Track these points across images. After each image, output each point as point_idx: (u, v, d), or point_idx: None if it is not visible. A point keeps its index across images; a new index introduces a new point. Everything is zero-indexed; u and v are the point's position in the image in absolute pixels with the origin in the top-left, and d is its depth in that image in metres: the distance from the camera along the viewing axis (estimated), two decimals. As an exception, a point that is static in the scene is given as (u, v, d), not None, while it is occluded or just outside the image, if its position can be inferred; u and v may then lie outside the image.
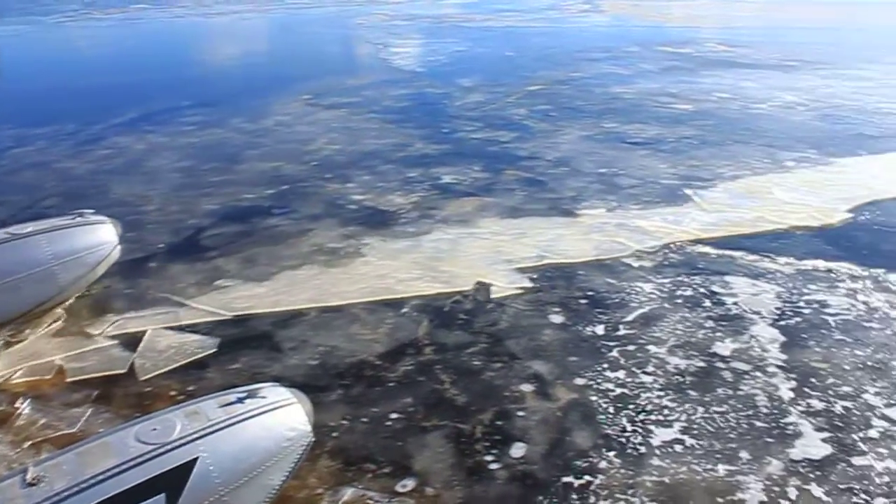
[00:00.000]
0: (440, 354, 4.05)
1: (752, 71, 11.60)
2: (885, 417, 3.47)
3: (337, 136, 8.14)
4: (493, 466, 3.21)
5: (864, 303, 4.52)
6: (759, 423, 3.43)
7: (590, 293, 4.63)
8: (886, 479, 3.09)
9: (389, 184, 6.60)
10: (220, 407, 2.84)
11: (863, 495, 3.01)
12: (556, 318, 4.35)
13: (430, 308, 4.50)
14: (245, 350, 4.12)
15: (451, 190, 6.44)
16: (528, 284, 4.72)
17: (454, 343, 4.15)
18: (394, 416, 3.54)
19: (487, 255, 5.12)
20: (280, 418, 2.90)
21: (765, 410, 3.52)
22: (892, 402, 3.59)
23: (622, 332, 4.20)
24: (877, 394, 3.65)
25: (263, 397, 2.93)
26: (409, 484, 3.12)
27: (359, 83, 10.82)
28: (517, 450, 3.30)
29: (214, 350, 4.12)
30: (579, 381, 3.76)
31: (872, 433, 3.37)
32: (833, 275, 4.88)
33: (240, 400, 2.89)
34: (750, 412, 3.52)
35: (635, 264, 5.00)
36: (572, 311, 4.42)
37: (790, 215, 5.75)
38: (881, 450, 3.26)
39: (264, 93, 10.42)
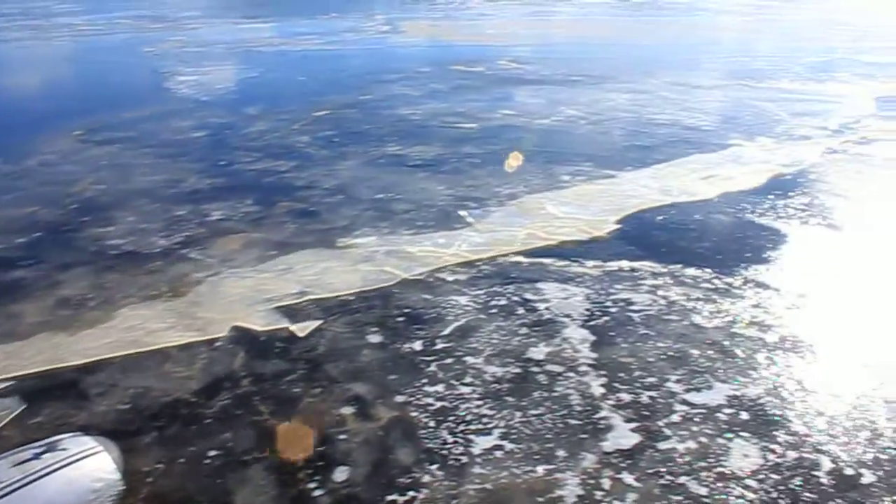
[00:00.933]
0: (258, 385, 3.94)
1: (538, 87, 11.98)
2: (685, 402, 3.69)
3: (105, 174, 7.59)
4: (317, 493, 3.14)
5: (665, 297, 4.81)
6: (573, 421, 3.56)
7: (406, 310, 4.65)
8: (688, 458, 3.28)
9: (154, 224, 6.18)
10: (14, 466, 2.63)
11: (668, 476, 3.17)
12: (374, 338, 4.34)
13: (247, 338, 4.37)
14: None
15: (220, 227, 6.12)
16: (286, 325, 4.51)
17: (272, 372, 4.05)
18: (212, 453, 3.40)
19: (249, 295, 4.88)
20: (84, 469, 2.72)
21: (578, 408, 3.66)
22: (690, 387, 3.82)
23: (440, 346, 4.25)
24: (678, 381, 3.88)
25: (64, 450, 2.75)
26: (229, 522, 3.01)
27: (137, 116, 10.25)
28: (340, 473, 3.25)
29: None
30: (399, 399, 3.76)
31: (675, 418, 3.57)
32: (636, 273, 5.16)
33: (36, 456, 2.70)
34: (565, 411, 3.64)
35: (450, 278, 5.08)
36: (390, 330, 4.43)
37: (560, 230, 5.92)
38: (683, 432, 3.45)
39: (30, 129, 9.65)
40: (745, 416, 3.58)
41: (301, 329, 4.46)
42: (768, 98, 11.27)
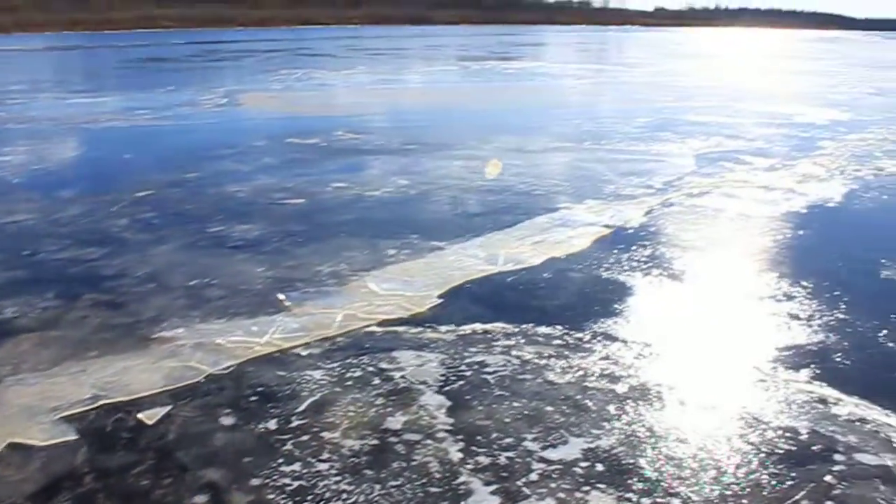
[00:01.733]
0: (103, 481, 3.69)
1: (373, 157, 11.90)
2: (542, 459, 3.74)
3: None
4: None
5: (518, 357, 4.89)
6: (433, 489, 3.52)
7: (259, 389, 4.51)
8: (547, 517, 3.30)
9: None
10: None
11: (529, 537, 3.18)
12: (227, 420, 4.18)
13: (88, 430, 4.10)
14: None
15: (10, 327, 5.45)
16: (74, 437, 4.02)
17: (118, 466, 3.81)
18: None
19: (33, 404, 4.34)
20: None
21: (437, 475, 3.63)
22: (547, 444, 3.88)
23: (295, 423, 4.13)
24: (534, 439, 3.92)
25: None
26: None
27: None
28: (186, 569, 3.08)
29: None
30: (255, 482, 3.61)
31: (533, 476, 3.60)
32: (489, 335, 5.24)
33: None
34: (424, 480, 3.59)
35: (304, 353, 4.99)
36: (243, 411, 4.28)
37: (381, 308, 5.74)
38: (541, 490, 3.48)
39: None
40: (600, 467, 3.66)
41: (149, 417, 4.24)
42: (598, 159, 11.81)
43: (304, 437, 3.99)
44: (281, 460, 3.79)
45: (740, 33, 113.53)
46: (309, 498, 3.49)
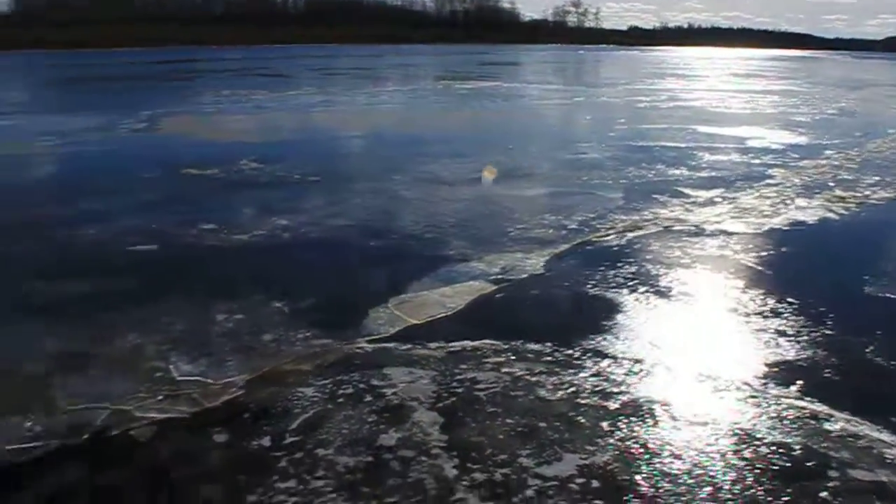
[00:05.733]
0: (97, 501, 3.65)
1: (264, 191, 10.90)
2: (537, 476, 3.74)
3: None
4: None
5: (509, 374, 4.90)
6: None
7: (252, 406, 4.49)
8: (545, 533, 3.30)
9: None
10: None
11: (527, 554, 3.17)
12: (220, 437, 4.14)
13: (76, 451, 4.05)
14: None
15: None
16: None
17: (108, 485, 3.77)
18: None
19: None
20: None
21: (433, 492, 3.62)
22: (541, 460, 3.88)
23: (288, 440, 4.11)
24: (528, 455, 3.93)
25: None
26: None
27: None
28: (188, 588, 3.03)
29: None
30: (250, 498, 3.59)
31: (529, 493, 3.60)
32: (480, 352, 5.24)
33: None
34: (420, 497, 3.58)
35: (292, 368, 4.97)
36: (236, 428, 4.25)
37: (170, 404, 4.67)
38: (537, 507, 3.49)
39: None
40: (595, 483, 3.67)
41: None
42: (515, 194, 10.63)
43: (299, 454, 3.97)
44: (276, 477, 3.77)
45: (711, 52, 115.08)
46: (305, 515, 3.46)
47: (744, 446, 4.04)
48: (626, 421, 4.30)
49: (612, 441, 4.08)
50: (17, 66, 49.81)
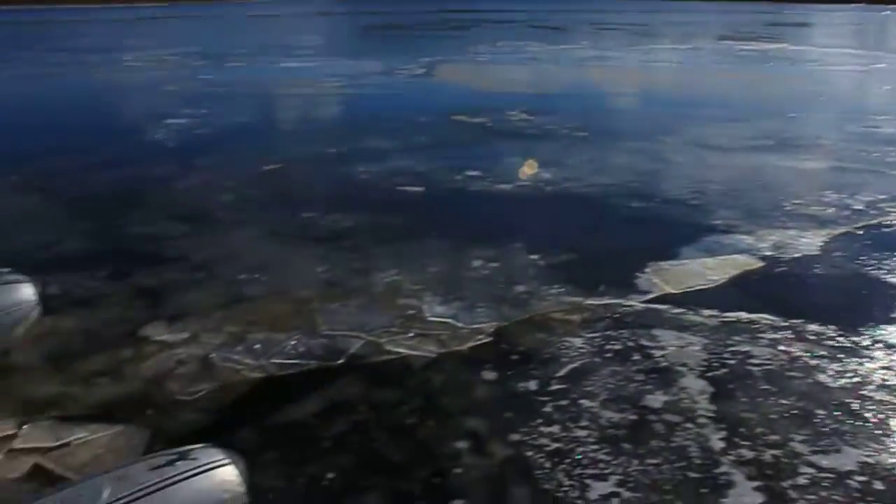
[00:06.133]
0: (374, 412, 3.99)
1: (531, 142, 10.88)
2: (811, 464, 3.54)
3: None
4: (433, 526, 3.14)
5: (786, 353, 4.65)
6: (692, 475, 3.46)
7: (521, 349, 4.64)
8: (817, 525, 3.14)
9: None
10: (151, 470, 2.72)
11: (796, 542, 3.04)
12: (490, 375, 4.34)
13: (365, 367, 4.44)
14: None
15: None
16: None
17: (388, 401, 4.09)
18: (330, 476, 3.45)
19: None
20: (213, 480, 2.79)
21: (698, 461, 3.56)
22: (817, 449, 3.67)
23: (554, 386, 4.21)
24: (803, 441, 3.73)
25: (195, 459, 2.83)
26: (347, 547, 3.02)
27: (81, 162, 9.91)
28: (456, 507, 3.25)
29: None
30: (514, 437, 3.75)
31: (801, 480, 3.43)
32: (755, 326, 5.02)
33: (171, 462, 2.78)
34: (683, 463, 3.54)
35: (567, 318, 5.05)
36: (505, 367, 4.42)
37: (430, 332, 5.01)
38: (810, 496, 3.31)
39: None
40: (879, 485, 3.41)
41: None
42: (792, 165, 9.84)
43: (563, 402, 4.06)
44: (540, 420, 3.89)
45: None
46: (566, 461, 3.56)
47: None
48: (918, 422, 3.95)
49: (900, 442, 3.77)
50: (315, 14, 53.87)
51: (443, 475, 3.46)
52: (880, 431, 3.83)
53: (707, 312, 5.19)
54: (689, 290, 5.63)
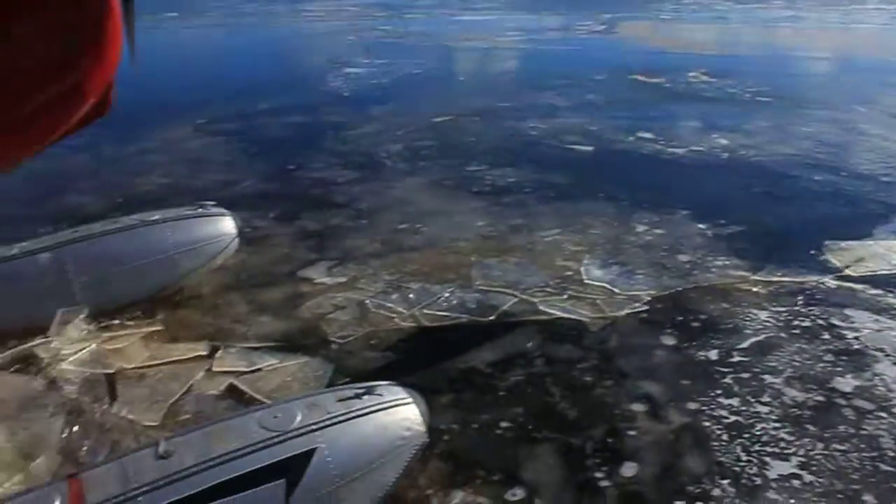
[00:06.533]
0: (550, 367, 4.02)
1: (710, 106, 10.30)
2: None
3: (178, 168, 7.48)
4: (604, 484, 3.15)
5: None
6: (884, 467, 3.27)
7: (702, 317, 4.52)
8: None
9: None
10: (339, 401, 2.88)
11: None
12: (669, 340, 4.26)
13: (540, 323, 4.47)
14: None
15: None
16: None
17: (564, 357, 4.11)
18: (504, 424, 3.52)
19: None
20: (396, 417, 2.92)
21: (891, 454, 3.35)
22: None
23: (736, 358, 4.08)
24: None
25: (380, 395, 2.96)
26: (519, 493, 3.08)
27: (270, 107, 10.29)
28: (628, 469, 3.23)
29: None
30: (692, 406, 3.67)
31: None
32: (964, 317, 4.64)
33: (357, 396, 2.92)
34: (875, 453, 3.35)
35: (751, 289, 4.86)
36: (685, 334, 4.32)
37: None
38: None
39: (157, 117, 9.68)
40: None
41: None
42: None
43: (745, 375, 3.93)
44: (719, 391, 3.79)
45: None
46: (745, 436, 3.45)
47: None
48: None
49: None
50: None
51: (617, 436, 3.45)
52: None
53: (907, 298, 4.84)
54: (872, 273, 5.22)
